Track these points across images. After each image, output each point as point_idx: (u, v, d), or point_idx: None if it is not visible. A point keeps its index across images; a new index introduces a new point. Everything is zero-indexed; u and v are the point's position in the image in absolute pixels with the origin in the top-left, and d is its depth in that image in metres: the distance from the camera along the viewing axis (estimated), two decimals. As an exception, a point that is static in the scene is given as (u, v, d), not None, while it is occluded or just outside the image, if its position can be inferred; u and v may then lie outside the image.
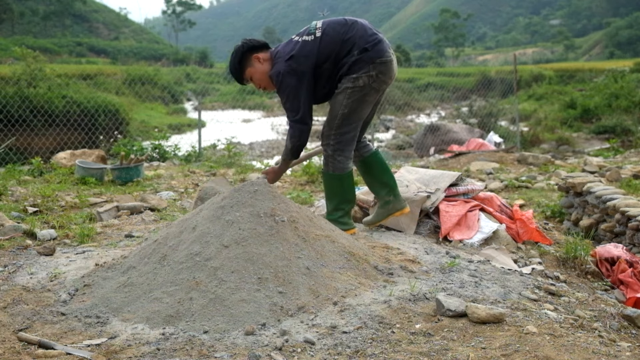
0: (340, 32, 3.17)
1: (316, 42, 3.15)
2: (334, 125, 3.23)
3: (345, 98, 3.18)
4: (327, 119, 3.28)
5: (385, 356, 1.90)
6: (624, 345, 2.01)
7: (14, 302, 2.41)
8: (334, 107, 3.24)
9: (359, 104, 3.21)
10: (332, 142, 3.25)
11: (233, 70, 3.30)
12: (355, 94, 3.17)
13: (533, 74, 29.27)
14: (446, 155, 9.69)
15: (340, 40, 3.16)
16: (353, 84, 3.16)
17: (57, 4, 59.64)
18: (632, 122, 13.20)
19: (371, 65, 3.15)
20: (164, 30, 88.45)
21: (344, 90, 3.19)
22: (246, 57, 3.23)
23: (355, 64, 3.15)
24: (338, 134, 3.23)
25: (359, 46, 3.15)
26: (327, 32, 3.17)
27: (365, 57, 3.14)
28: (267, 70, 3.21)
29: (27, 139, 10.41)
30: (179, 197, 5.48)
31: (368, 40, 3.17)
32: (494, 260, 3.13)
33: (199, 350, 1.94)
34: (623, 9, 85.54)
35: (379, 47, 3.17)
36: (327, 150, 3.29)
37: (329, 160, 3.29)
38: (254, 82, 3.31)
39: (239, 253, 2.40)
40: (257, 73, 3.24)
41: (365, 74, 3.15)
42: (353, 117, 3.22)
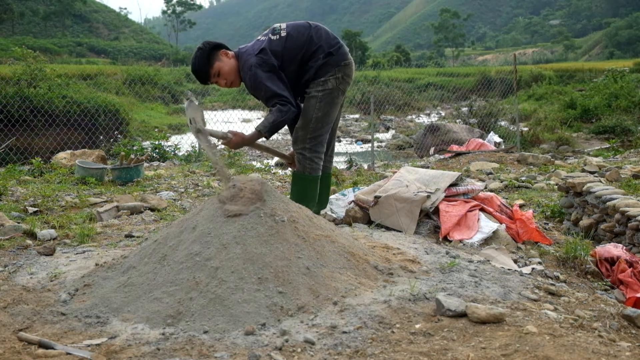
0: (304, 34, 3.29)
1: (282, 40, 3.25)
2: (310, 128, 3.34)
3: (317, 101, 3.30)
4: (300, 124, 3.36)
5: (385, 356, 1.90)
6: (624, 345, 2.01)
7: (14, 302, 2.41)
8: (306, 111, 3.33)
9: (330, 106, 3.35)
10: (308, 145, 3.36)
11: (200, 67, 3.29)
12: (326, 96, 3.31)
13: (533, 74, 29.29)
14: (446, 155, 9.69)
15: (305, 41, 3.27)
16: (323, 87, 3.29)
17: (57, 4, 59.67)
18: (632, 122, 13.20)
19: (337, 68, 3.31)
20: (164, 30, 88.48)
21: (315, 94, 3.31)
22: (214, 52, 3.29)
23: (321, 67, 3.29)
24: (313, 137, 3.36)
25: (323, 50, 3.29)
26: (292, 33, 3.28)
27: (331, 60, 3.30)
28: (235, 65, 3.28)
29: (27, 139, 10.41)
30: (179, 197, 5.48)
31: (332, 44, 3.33)
32: (494, 260, 3.14)
33: (199, 350, 1.94)
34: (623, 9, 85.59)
35: (342, 50, 3.36)
36: (304, 153, 3.38)
37: (306, 162, 3.38)
38: (220, 78, 3.32)
39: (238, 253, 2.40)
40: (225, 67, 3.29)
41: (333, 77, 3.30)
42: (325, 119, 3.35)
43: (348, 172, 8.00)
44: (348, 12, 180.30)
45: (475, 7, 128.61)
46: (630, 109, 14.49)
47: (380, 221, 3.74)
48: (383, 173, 7.56)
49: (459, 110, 15.58)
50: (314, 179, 3.41)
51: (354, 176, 7.18)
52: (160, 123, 18.35)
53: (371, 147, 10.41)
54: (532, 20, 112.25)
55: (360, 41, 51.74)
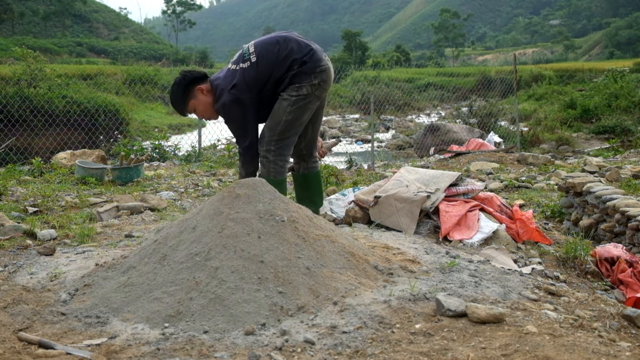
0: (274, 52, 3.24)
1: (254, 67, 3.22)
2: (277, 131, 3.30)
3: (289, 105, 3.26)
4: (268, 125, 3.32)
5: (385, 356, 1.90)
6: (624, 345, 2.01)
7: (14, 302, 2.41)
8: (276, 113, 3.29)
9: (302, 111, 3.31)
10: (273, 148, 3.32)
11: (176, 103, 3.32)
12: (299, 101, 3.27)
13: (533, 74, 29.30)
14: (446, 155, 9.69)
15: (276, 60, 3.23)
16: (297, 92, 3.25)
17: (57, 4, 59.69)
18: (632, 122, 13.20)
19: (312, 75, 3.26)
20: (164, 30, 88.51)
21: (287, 98, 3.27)
22: (189, 89, 3.27)
23: (296, 76, 3.25)
24: (280, 140, 3.31)
25: (297, 60, 3.24)
26: (262, 54, 3.24)
27: (305, 68, 3.25)
28: (210, 101, 3.27)
29: (27, 139, 10.42)
30: (179, 197, 5.48)
31: (304, 52, 3.27)
32: (494, 260, 3.14)
33: (199, 350, 1.94)
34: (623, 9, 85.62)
35: (316, 56, 3.29)
36: (267, 156, 3.33)
37: (270, 165, 3.33)
38: (197, 114, 3.35)
39: (239, 253, 2.40)
40: (200, 105, 3.29)
41: (308, 83, 3.26)
42: (295, 123, 3.31)
43: (348, 172, 8.00)
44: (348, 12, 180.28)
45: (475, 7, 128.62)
46: (630, 109, 14.49)
47: (380, 221, 3.74)
48: (383, 173, 7.57)
49: (459, 110, 15.58)
50: (278, 181, 3.34)
51: (354, 176, 7.18)
52: (160, 123, 18.36)
53: (371, 147, 10.42)
54: (532, 20, 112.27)
55: (360, 41, 51.71)
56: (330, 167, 6.90)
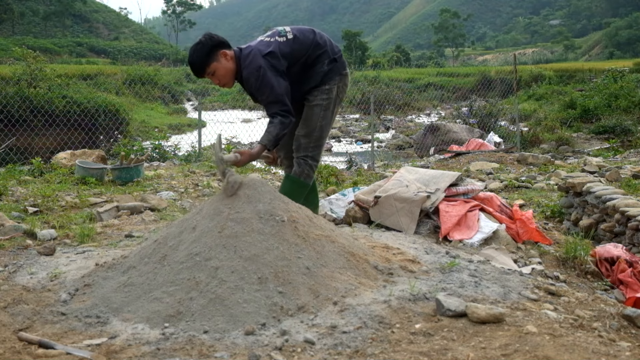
0: (310, 38, 3.28)
1: (289, 42, 3.22)
2: (314, 137, 3.33)
3: (322, 110, 3.31)
4: (304, 132, 3.34)
5: (385, 356, 1.90)
6: (623, 345, 2.01)
7: (14, 301, 2.41)
8: (311, 119, 3.32)
9: (332, 114, 3.38)
10: (311, 154, 3.35)
11: (198, 61, 3.22)
12: (330, 105, 3.33)
13: (533, 74, 29.28)
14: (446, 155, 9.70)
15: (310, 44, 3.26)
16: (327, 95, 3.30)
17: (57, 4, 59.67)
18: (632, 122, 13.19)
19: (338, 77, 3.33)
20: (164, 30, 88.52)
21: (319, 103, 3.30)
22: (213, 51, 3.19)
23: (326, 74, 3.28)
24: (317, 146, 3.36)
25: (328, 55, 3.28)
26: (299, 35, 3.26)
27: (335, 68, 3.31)
28: (232, 68, 3.22)
29: (27, 139, 10.41)
30: (179, 197, 5.48)
31: (335, 51, 3.34)
32: (494, 260, 3.14)
33: (199, 350, 1.94)
34: (623, 9, 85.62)
35: (343, 60, 3.39)
36: (307, 160, 3.36)
37: (306, 168, 3.36)
38: (215, 77, 3.27)
39: (239, 253, 2.40)
40: (222, 69, 3.22)
41: (335, 85, 3.31)
42: (327, 127, 3.38)
43: (348, 172, 8.00)
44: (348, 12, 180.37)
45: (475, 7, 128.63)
46: (630, 109, 14.48)
47: (380, 221, 3.74)
48: (383, 173, 7.57)
49: (459, 110, 15.57)
50: (306, 185, 3.39)
51: (354, 176, 7.18)
52: (160, 123, 18.36)
53: (371, 147, 10.41)
54: (532, 20, 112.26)
55: (360, 41, 51.69)
56: (330, 167, 6.90)
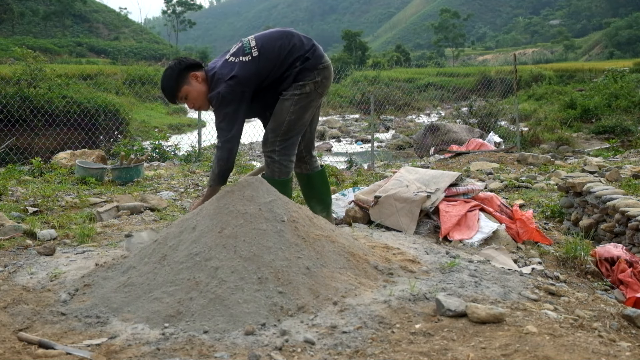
0: (276, 47, 3.15)
1: (255, 61, 3.10)
2: (280, 131, 3.24)
3: (292, 104, 3.20)
4: (272, 126, 3.27)
5: (385, 356, 1.90)
6: (624, 345, 2.01)
7: (14, 302, 2.41)
8: (280, 114, 3.23)
9: (305, 109, 3.25)
10: (277, 148, 3.26)
11: (167, 88, 3.17)
12: (302, 100, 3.21)
13: (533, 74, 29.30)
14: (446, 155, 9.70)
15: (278, 55, 3.15)
16: (300, 90, 3.19)
17: (57, 4, 59.69)
18: (632, 122, 13.20)
19: (315, 72, 3.21)
20: (164, 30, 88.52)
21: (290, 97, 3.20)
22: (183, 74, 3.14)
23: (300, 73, 3.18)
24: (283, 140, 3.25)
25: (299, 56, 3.17)
26: (264, 49, 3.13)
27: (308, 65, 3.19)
28: (204, 90, 3.16)
29: (27, 139, 10.41)
30: (179, 197, 5.48)
31: (306, 49, 3.21)
32: (494, 260, 3.14)
33: (199, 350, 1.94)
34: (623, 9, 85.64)
35: (318, 52, 3.24)
36: (272, 156, 3.28)
37: (275, 166, 3.28)
38: (188, 101, 3.23)
39: (239, 253, 2.40)
40: (193, 92, 3.17)
41: (311, 81, 3.20)
42: (298, 123, 3.26)
43: (348, 172, 8.00)
44: (348, 12, 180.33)
45: (475, 7, 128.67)
46: (630, 109, 14.49)
47: (380, 221, 3.74)
48: (383, 173, 7.57)
49: (459, 110, 15.57)
50: (284, 182, 3.29)
51: (354, 176, 7.18)
52: (160, 123, 18.37)
53: (371, 147, 10.42)
54: (532, 20, 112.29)
55: (360, 41, 51.71)
56: (330, 167, 6.91)
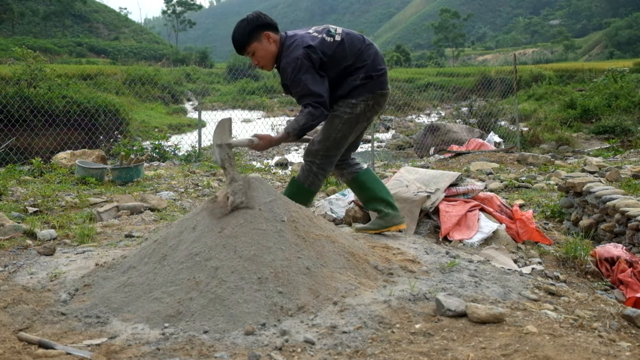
0: (357, 46, 3.14)
1: (334, 44, 3.10)
2: (324, 146, 3.22)
3: (340, 123, 3.18)
4: (318, 138, 3.25)
5: (385, 356, 1.90)
6: (623, 345, 2.01)
7: (14, 302, 2.41)
8: (328, 129, 3.22)
9: (350, 130, 3.23)
10: (317, 162, 3.24)
11: (239, 39, 3.14)
12: (351, 120, 3.19)
13: (533, 74, 29.27)
14: (446, 155, 9.69)
15: (354, 53, 3.13)
16: (351, 109, 3.16)
17: (57, 4, 59.66)
18: (632, 122, 13.20)
19: (370, 95, 3.17)
20: (164, 30, 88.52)
21: (341, 115, 3.17)
22: (257, 31, 3.11)
23: (356, 88, 3.14)
24: (325, 156, 3.24)
25: (366, 70, 3.13)
26: (346, 40, 3.13)
27: (369, 85, 3.15)
28: (274, 51, 3.14)
29: (27, 139, 10.40)
30: (179, 197, 5.48)
31: (377, 68, 3.17)
32: (494, 260, 3.14)
33: (199, 350, 1.94)
34: (623, 9, 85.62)
35: (383, 79, 3.20)
36: (311, 167, 3.26)
37: (310, 175, 3.27)
38: (254, 58, 3.20)
39: (239, 253, 2.40)
40: (262, 50, 3.14)
41: (364, 102, 3.16)
42: (343, 141, 3.24)
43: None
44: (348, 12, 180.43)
45: (475, 7, 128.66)
46: (630, 109, 14.48)
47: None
48: (383, 173, 7.56)
49: (459, 110, 15.56)
50: (310, 192, 3.30)
51: (354, 176, 7.17)
52: (160, 123, 18.36)
53: (371, 147, 10.41)
54: (532, 20, 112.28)
55: (360, 41, 51.53)
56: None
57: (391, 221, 3.40)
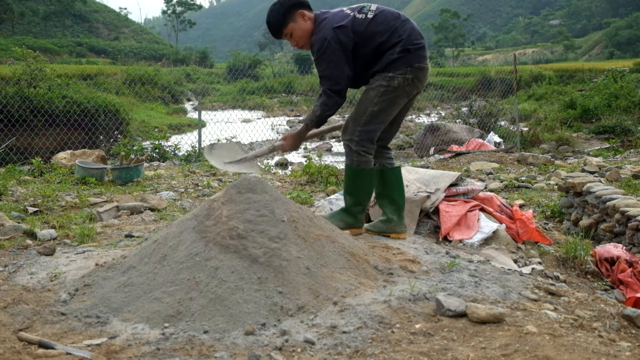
0: (390, 22, 3.09)
1: (366, 21, 3.06)
2: (361, 121, 3.14)
3: (377, 95, 3.11)
4: (354, 115, 3.18)
5: (385, 356, 1.90)
6: (623, 345, 2.01)
7: (14, 302, 2.41)
8: (363, 102, 3.15)
9: (389, 104, 3.13)
10: (356, 138, 3.16)
11: (274, 23, 3.14)
12: (388, 93, 3.10)
13: (533, 74, 29.28)
14: (446, 155, 9.69)
15: (388, 29, 3.07)
16: (388, 82, 3.08)
17: (57, 4, 59.66)
18: (632, 122, 13.19)
19: (409, 69, 3.09)
20: (164, 30, 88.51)
21: (377, 87, 3.11)
22: (291, 11, 3.11)
23: (393, 62, 3.07)
24: (363, 131, 3.15)
25: (403, 44, 3.07)
26: (379, 17, 3.09)
27: (406, 58, 3.07)
28: (310, 28, 3.12)
29: (27, 139, 10.41)
30: (179, 197, 5.48)
31: (414, 42, 3.10)
32: (494, 260, 3.14)
33: (199, 350, 1.94)
34: (623, 9, 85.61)
35: (421, 52, 3.13)
36: (350, 145, 3.19)
37: (353, 155, 3.20)
38: (292, 39, 3.19)
39: (239, 253, 2.40)
40: (299, 30, 3.13)
41: (402, 75, 3.08)
42: (381, 115, 3.15)
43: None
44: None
45: (475, 7, 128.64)
46: (630, 109, 14.48)
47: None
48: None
49: (459, 110, 15.56)
50: (364, 172, 3.21)
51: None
52: (160, 123, 18.36)
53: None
54: (532, 20, 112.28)
55: (360, 41, 51.51)
56: (330, 167, 6.90)
57: (392, 228, 3.37)
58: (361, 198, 3.30)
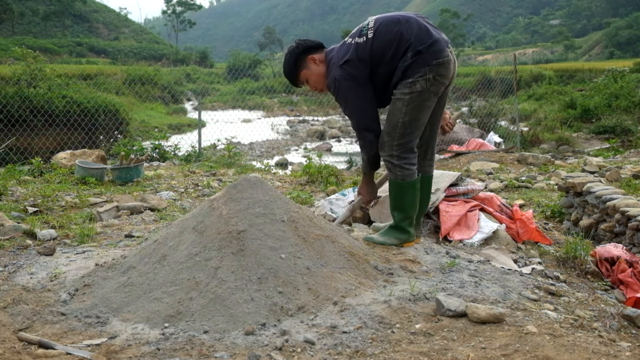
0: (393, 31, 2.99)
1: (368, 43, 2.99)
2: (396, 135, 3.04)
3: (404, 105, 3.00)
4: (387, 129, 3.08)
5: (385, 356, 1.90)
6: (624, 345, 2.01)
7: (14, 302, 2.41)
8: (392, 115, 3.05)
9: (418, 110, 3.02)
10: (395, 153, 3.06)
11: (288, 72, 3.18)
12: (414, 99, 2.98)
13: (533, 74, 29.27)
14: (446, 155, 9.69)
15: (393, 39, 2.98)
16: (410, 89, 2.97)
17: (57, 4, 59.68)
18: (632, 122, 13.20)
19: (427, 68, 2.95)
20: (164, 30, 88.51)
21: (401, 97, 3.00)
22: (301, 58, 3.12)
23: (409, 68, 2.97)
24: (401, 144, 3.05)
25: (413, 47, 2.96)
26: (380, 31, 3.00)
27: (420, 60, 2.95)
28: (323, 72, 3.11)
29: (27, 139, 10.41)
30: (179, 197, 5.48)
31: (423, 41, 2.97)
32: (494, 260, 3.14)
33: (199, 350, 1.94)
34: (623, 9, 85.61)
35: (434, 48, 2.97)
36: (391, 161, 3.09)
37: (396, 170, 3.09)
38: (309, 84, 3.21)
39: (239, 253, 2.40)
40: (312, 75, 3.14)
41: (422, 78, 2.96)
42: (414, 123, 3.04)
43: (348, 172, 8.00)
44: (348, 12, 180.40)
45: (475, 7, 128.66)
46: (630, 109, 14.49)
47: (380, 221, 3.73)
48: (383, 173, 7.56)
49: (459, 110, 15.56)
50: (409, 184, 3.09)
51: (354, 176, 7.18)
52: (160, 123, 18.38)
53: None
54: (532, 20, 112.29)
55: (360, 41, 51.51)
56: (330, 167, 6.90)
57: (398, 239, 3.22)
58: (409, 211, 3.18)
